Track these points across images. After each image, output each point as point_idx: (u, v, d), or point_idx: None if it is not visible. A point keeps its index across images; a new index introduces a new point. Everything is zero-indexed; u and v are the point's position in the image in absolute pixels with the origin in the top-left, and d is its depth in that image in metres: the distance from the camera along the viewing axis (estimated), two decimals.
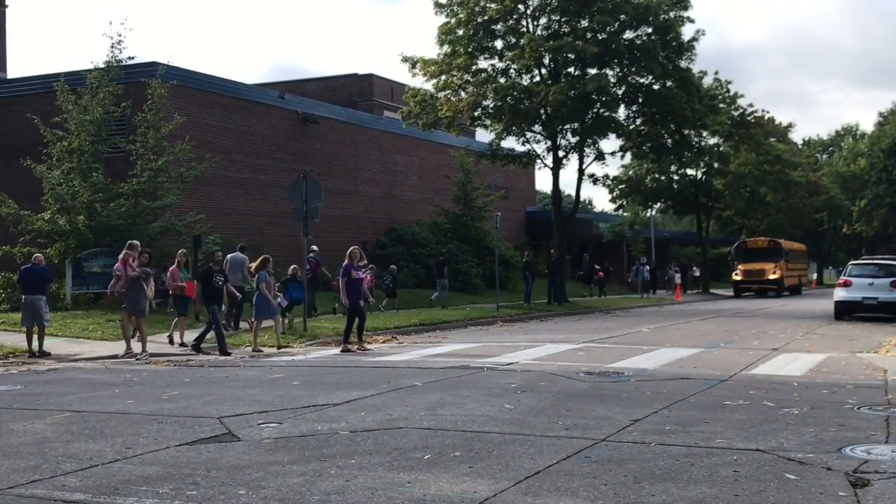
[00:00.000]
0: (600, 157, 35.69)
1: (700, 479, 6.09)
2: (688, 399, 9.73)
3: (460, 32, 32.28)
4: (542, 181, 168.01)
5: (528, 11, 32.90)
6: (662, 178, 52.02)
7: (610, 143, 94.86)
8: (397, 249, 35.23)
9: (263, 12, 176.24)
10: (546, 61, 32.66)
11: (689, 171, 51.83)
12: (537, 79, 32.89)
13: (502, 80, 32.56)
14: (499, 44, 33.26)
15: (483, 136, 42.24)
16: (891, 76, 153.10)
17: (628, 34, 32.59)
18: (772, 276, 46.19)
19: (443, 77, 32.51)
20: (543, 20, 33.26)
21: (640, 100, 33.76)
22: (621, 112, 34.59)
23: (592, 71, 32.36)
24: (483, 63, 33.33)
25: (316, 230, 21.37)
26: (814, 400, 9.67)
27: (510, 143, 35.46)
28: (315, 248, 25.12)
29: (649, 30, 32.44)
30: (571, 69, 32.94)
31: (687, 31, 33.85)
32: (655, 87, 33.10)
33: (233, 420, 8.51)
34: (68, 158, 23.93)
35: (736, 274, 47.59)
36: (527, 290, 32.02)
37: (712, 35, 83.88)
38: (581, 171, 35.61)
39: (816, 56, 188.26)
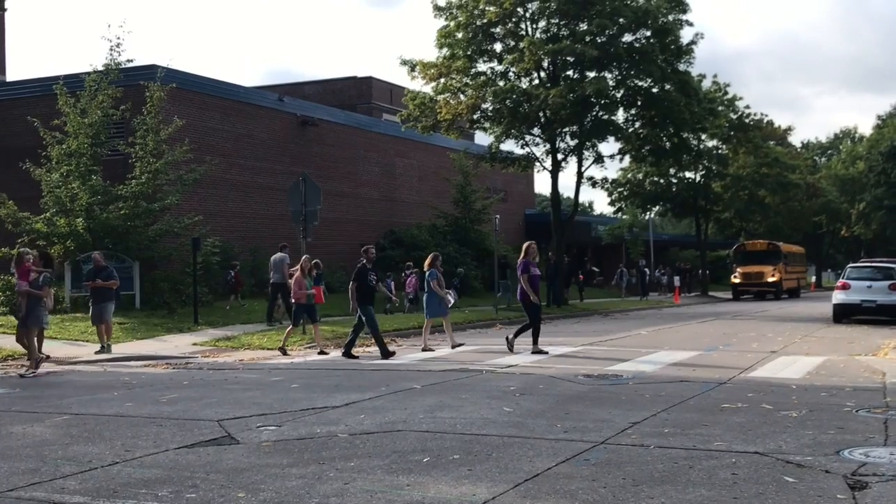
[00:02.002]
0: (599, 159, 35.70)
1: (699, 481, 6.10)
2: (686, 402, 9.73)
3: (459, 35, 32.29)
4: (541, 184, 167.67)
5: (528, 15, 32.88)
6: (661, 180, 51.96)
7: (609, 146, 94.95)
8: (396, 252, 35.21)
9: (262, 16, 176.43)
10: (545, 64, 32.65)
11: (688, 174, 51.77)
12: (536, 82, 32.88)
13: (501, 83, 32.55)
14: (498, 47, 33.27)
15: (482, 138, 42.28)
16: (882, 80, 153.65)
17: (627, 37, 32.58)
18: (770, 279, 46.13)
19: (442, 80, 32.51)
20: (542, 23, 33.26)
21: (639, 103, 33.76)
22: (620, 115, 34.62)
23: (591, 74, 32.34)
24: (482, 66, 33.35)
25: (315, 233, 21.36)
26: (812, 403, 9.67)
27: (509, 145, 35.51)
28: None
29: (648, 33, 32.43)
30: (570, 72, 32.94)
31: (685, 35, 33.91)
32: (654, 90, 33.09)
33: (232, 423, 8.52)
34: (67, 161, 23.93)
35: (735, 276, 47.53)
36: None
37: (703, 40, 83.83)
38: (580, 174, 35.61)
39: (808, 61, 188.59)
